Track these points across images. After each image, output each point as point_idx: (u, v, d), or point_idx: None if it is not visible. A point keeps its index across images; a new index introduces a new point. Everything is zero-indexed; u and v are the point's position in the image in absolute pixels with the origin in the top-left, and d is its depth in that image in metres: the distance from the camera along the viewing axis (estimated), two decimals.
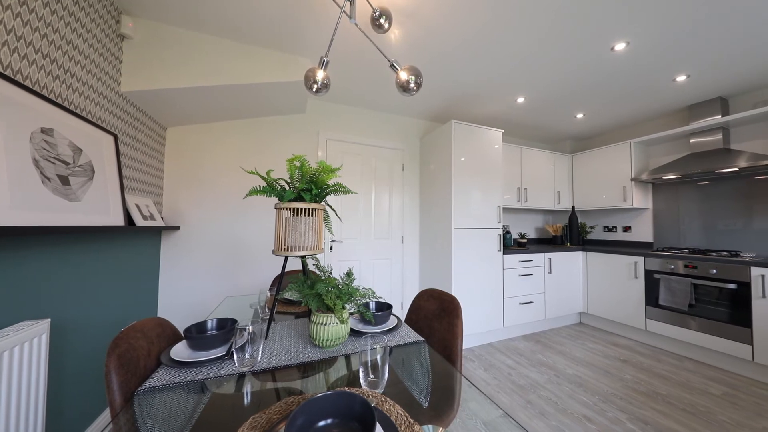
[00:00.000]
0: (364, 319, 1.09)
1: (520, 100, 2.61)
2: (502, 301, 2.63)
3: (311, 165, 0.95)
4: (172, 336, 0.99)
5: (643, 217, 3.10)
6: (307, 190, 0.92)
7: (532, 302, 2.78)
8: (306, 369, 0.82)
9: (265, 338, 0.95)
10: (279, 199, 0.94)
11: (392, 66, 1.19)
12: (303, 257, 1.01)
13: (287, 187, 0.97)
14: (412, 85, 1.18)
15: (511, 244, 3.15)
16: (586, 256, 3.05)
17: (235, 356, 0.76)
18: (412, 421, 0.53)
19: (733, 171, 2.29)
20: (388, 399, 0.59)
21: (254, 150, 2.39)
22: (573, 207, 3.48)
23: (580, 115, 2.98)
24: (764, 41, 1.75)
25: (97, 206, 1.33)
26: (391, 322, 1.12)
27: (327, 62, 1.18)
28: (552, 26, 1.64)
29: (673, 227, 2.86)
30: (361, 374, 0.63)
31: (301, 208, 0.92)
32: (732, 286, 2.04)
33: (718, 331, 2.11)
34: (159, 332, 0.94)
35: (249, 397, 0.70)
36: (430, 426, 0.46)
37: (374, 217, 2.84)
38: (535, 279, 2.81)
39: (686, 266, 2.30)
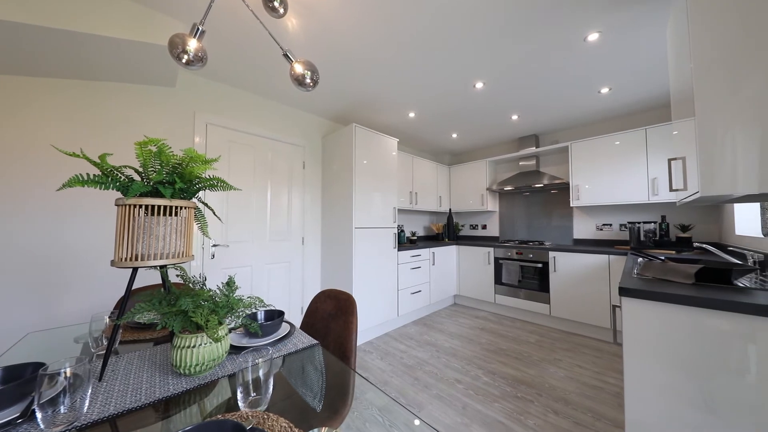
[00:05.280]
0: (250, 332, 0.97)
1: (412, 115, 2.95)
2: (397, 293, 2.90)
3: (174, 152, 0.76)
4: None
5: (493, 217, 4.07)
6: (168, 183, 0.73)
7: (420, 291, 3.19)
8: (169, 406, 0.66)
9: (99, 379, 0.71)
10: (123, 194, 0.71)
11: (286, 55, 1.11)
12: (162, 268, 0.81)
13: (138, 178, 0.75)
14: (308, 80, 1.13)
15: (404, 242, 3.51)
16: (458, 249, 3.75)
17: (38, 415, 0.53)
18: (297, 430, 0.51)
19: (540, 186, 3.32)
20: (270, 414, 0.54)
21: (90, 125, 1.74)
22: (450, 209, 4.21)
23: (454, 135, 3.63)
24: (556, 102, 2.62)
25: None
26: (283, 329, 1.05)
27: (202, 31, 0.98)
28: (431, 57, 1.92)
29: (510, 225, 3.90)
30: (239, 396, 0.56)
31: (161, 206, 0.73)
32: (540, 265, 2.96)
33: (533, 297, 3.01)
34: None
35: None
36: (315, 429, 0.45)
37: (270, 217, 2.58)
38: (423, 271, 3.24)
39: (517, 253, 3.17)
